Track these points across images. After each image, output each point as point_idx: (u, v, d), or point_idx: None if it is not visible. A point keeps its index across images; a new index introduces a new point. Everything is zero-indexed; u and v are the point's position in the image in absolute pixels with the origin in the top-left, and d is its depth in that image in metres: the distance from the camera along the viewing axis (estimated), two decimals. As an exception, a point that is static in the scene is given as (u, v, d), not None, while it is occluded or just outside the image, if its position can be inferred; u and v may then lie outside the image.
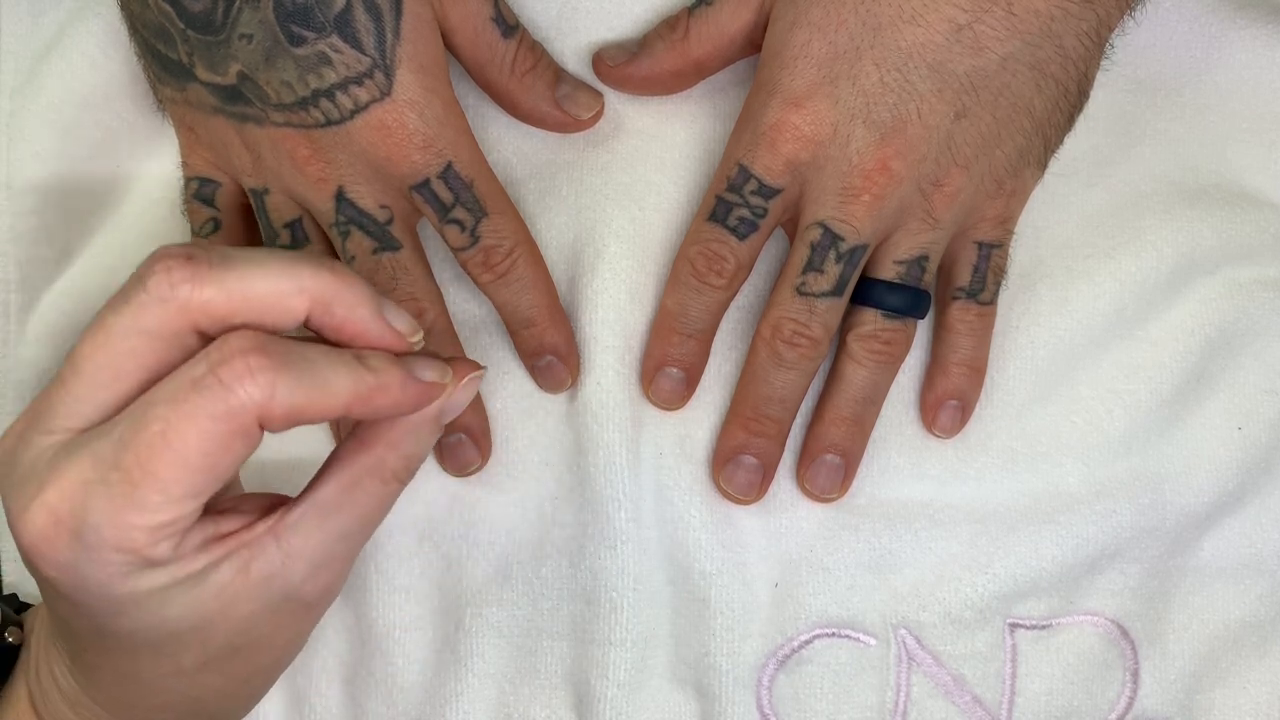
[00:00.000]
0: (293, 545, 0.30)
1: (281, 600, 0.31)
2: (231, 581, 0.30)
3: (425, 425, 0.31)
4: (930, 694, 0.41)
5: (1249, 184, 0.43)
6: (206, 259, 0.28)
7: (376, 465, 0.31)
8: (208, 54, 0.36)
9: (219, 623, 0.30)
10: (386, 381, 0.29)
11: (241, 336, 0.27)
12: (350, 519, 0.31)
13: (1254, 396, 0.42)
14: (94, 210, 0.43)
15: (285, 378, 0.27)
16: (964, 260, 0.40)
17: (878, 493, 0.41)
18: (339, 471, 0.31)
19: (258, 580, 0.30)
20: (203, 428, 0.27)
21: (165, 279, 0.28)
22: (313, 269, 0.29)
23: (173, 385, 0.27)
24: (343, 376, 0.28)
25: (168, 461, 0.27)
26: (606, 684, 0.40)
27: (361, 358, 0.29)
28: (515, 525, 0.41)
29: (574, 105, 0.40)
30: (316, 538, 0.31)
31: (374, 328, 0.30)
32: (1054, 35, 0.36)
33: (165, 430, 0.27)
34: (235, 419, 0.27)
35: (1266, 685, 0.42)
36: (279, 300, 0.29)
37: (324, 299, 0.29)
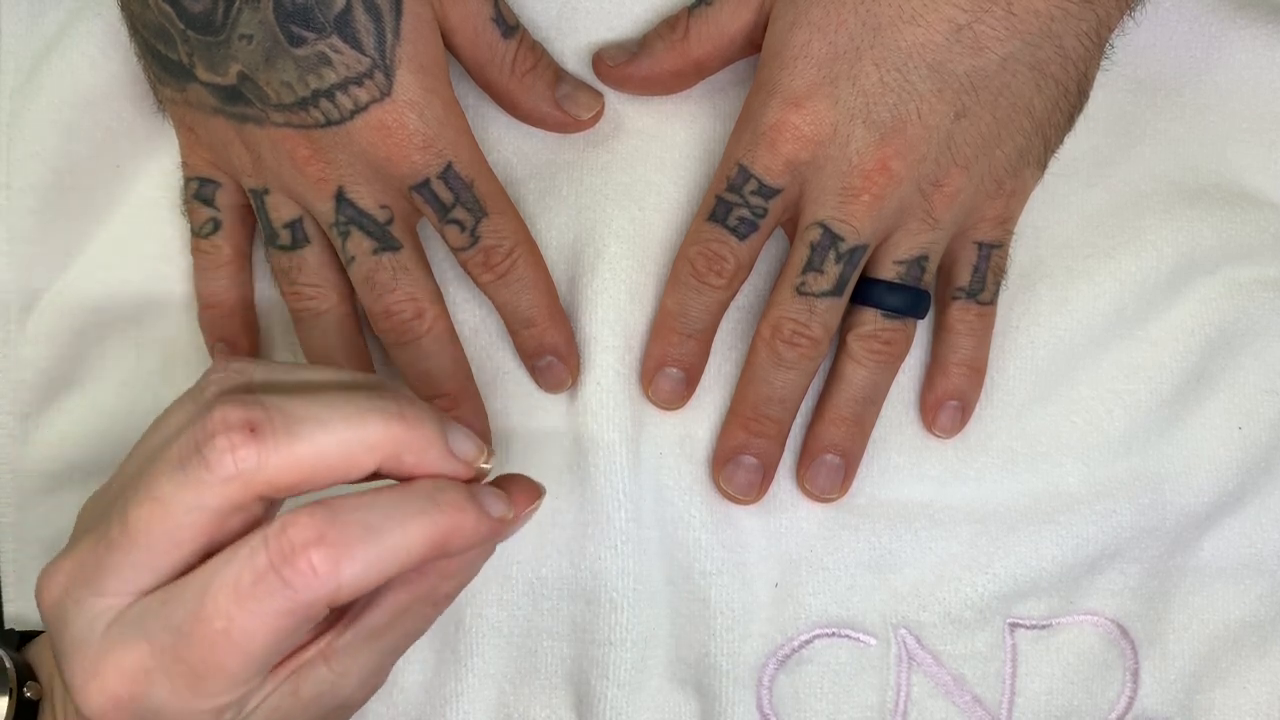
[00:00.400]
0: (343, 666, 0.30)
1: (330, 711, 0.31)
2: (282, 704, 0.30)
3: (483, 556, 0.31)
4: (930, 694, 0.41)
5: (1249, 184, 0.43)
6: (270, 427, 0.27)
7: (430, 593, 0.31)
8: (208, 54, 0.36)
9: None
10: (462, 522, 0.28)
11: (300, 525, 0.26)
12: (398, 637, 0.31)
13: (1254, 396, 0.42)
14: (94, 210, 0.43)
15: (350, 564, 0.26)
16: (964, 260, 0.40)
17: (878, 493, 0.41)
18: (391, 598, 0.31)
19: (309, 700, 0.30)
20: (268, 624, 0.26)
21: (229, 456, 0.26)
22: (382, 422, 0.28)
23: (232, 575, 0.26)
24: (413, 532, 0.27)
25: (232, 655, 0.27)
26: (606, 684, 0.40)
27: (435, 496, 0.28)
28: (515, 525, 0.41)
29: (574, 105, 0.40)
30: (365, 657, 0.31)
31: (444, 468, 0.29)
32: (1054, 35, 0.36)
33: (228, 628, 0.26)
34: (301, 614, 0.27)
35: (1266, 685, 0.42)
36: (347, 462, 0.28)
37: (394, 453, 0.28)
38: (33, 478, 0.42)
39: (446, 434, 0.29)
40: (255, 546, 0.26)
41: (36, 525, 0.42)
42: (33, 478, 0.42)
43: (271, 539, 0.26)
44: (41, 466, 0.42)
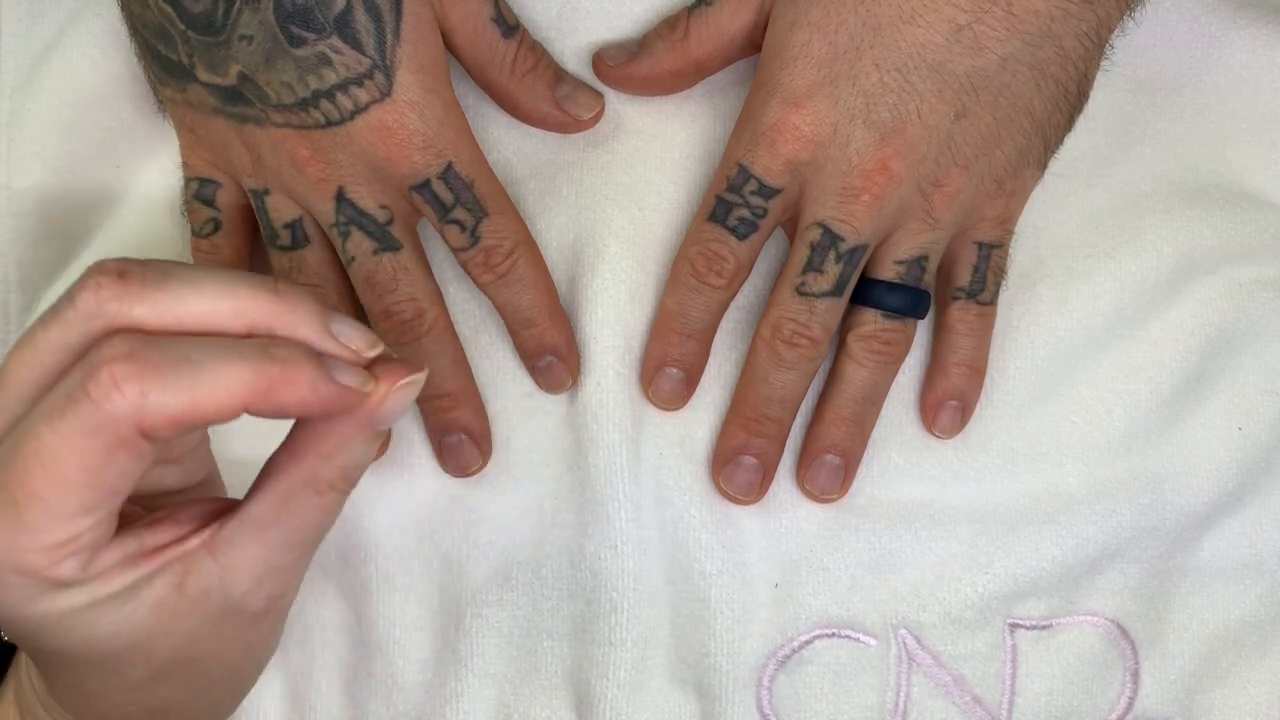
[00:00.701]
0: (230, 560, 0.29)
1: (223, 614, 0.30)
2: (166, 598, 0.29)
3: (357, 435, 0.29)
4: (930, 694, 0.41)
5: (1249, 184, 0.43)
6: (140, 276, 0.27)
7: (310, 477, 0.30)
8: (208, 55, 0.36)
9: (159, 638, 0.29)
10: (292, 375, 0.27)
11: (111, 343, 0.26)
12: (290, 531, 0.30)
13: (1254, 396, 0.42)
14: (94, 210, 0.43)
15: (157, 383, 0.26)
16: (964, 260, 0.40)
17: (878, 493, 0.41)
18: (272, 484, 0.30)
19: (195, 596, 0.29)
20: (76, 444, 0.26)
21: (94, 295, 0.27)
22: (250, 290, 0.28)
23: (50, 399, 0.26)
24: (235, 370, 0.27)
25: (45, 481, 0.26)
26: (606, 684, 0.40)
27: (268, 347, 0.27)
28: (515, 525, 0.41)
29: (574, 105, 0.40)
30: (255, 551, 0.30)
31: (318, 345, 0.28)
32: (1054, 36, 0.36)
33: (39, 449, 0.26)
34: (108, 432, 0.26)
35: (1266, 685, 0.42)
36: (212, 322, 0.27)
37: (262, 322, 0.28)
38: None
39: (328, 323, 0.29)
40: (73, 370, 0.26)
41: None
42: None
43: (84, 360, 0.26)
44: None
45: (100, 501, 0.27)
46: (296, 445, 0.30)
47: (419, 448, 0.41)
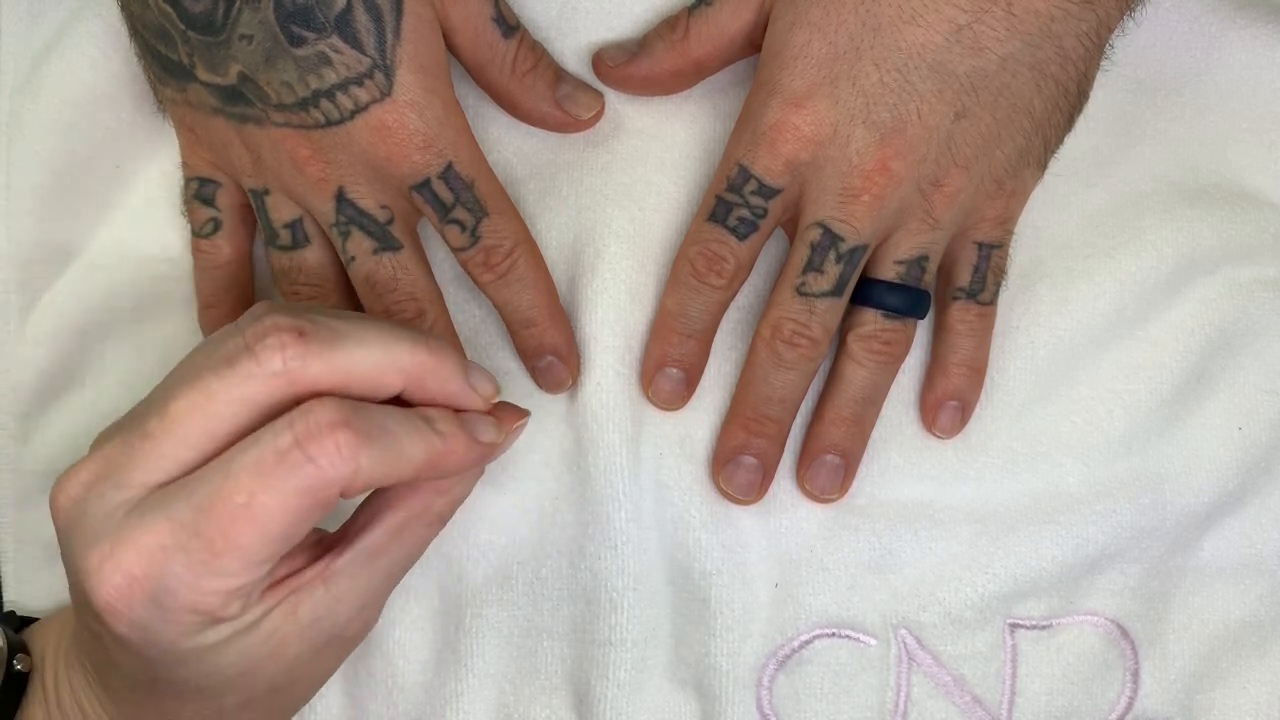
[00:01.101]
0: (341, 588, 0.31)
1: (326, 640, 0.32)
2: (281, 626, 0.31)
3: (473, 474, 0.33)
4: (930, 694, 0.41)
5: (1249, 184, 0.43)
6: (316, 334, 0.29)
7: (424, 510, 0.32)
8: (208, 54, 0.36)
9: (266, 665, 0.31)
10: (454, 446, 0.31)
11: (327, 408, 0.28)
12: (395, 559, 0.32)
13: (1254, 396, 0.42)
14: (94, 210, 0.43)
15: (369, 452, 0.28)
16: (964, 260, 0.40)
17: (878, 493, 0.41)
18: (388, 515, 0.32)
19: (306, 623, 0.31)
20: (288, 502, 0.28)
21: (279, 354, 0.28)
22: (410, 347, 0.30)
23: (256, 453, 0.28)
24: (418, 445, 0.30)
25: (250, 533, 0.27)
26: (606, 684, 0.40)
27: (430, 421, 0.30)
28: (515, 525, 0.41)
29: (574, 105, 0.40)
30: (364, 580, 0.32)
31: (463, 399, 0.32)
32: (1054, 36, 0.36)
33: (250, 502, 0.27)
34: (321, 493, 0.28)
35: (1266, 685, 0.42)
36: (378, 378, 0.30)
37: (419, 376, 0.30)
38: (33, 478, 0.42)
39: (468, 373, 0.32)
40: (280, 429, 0.28)
41: (36, 525, 0.42)
42: (33, 478, 0.42)
43: (298, 419, 0.28)
44: (41, 466, 0.42)
45: (284, 550, 0.29)
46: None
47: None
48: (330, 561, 0.32)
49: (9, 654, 0.35)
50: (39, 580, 0.43)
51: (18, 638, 0.37)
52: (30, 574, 0.42)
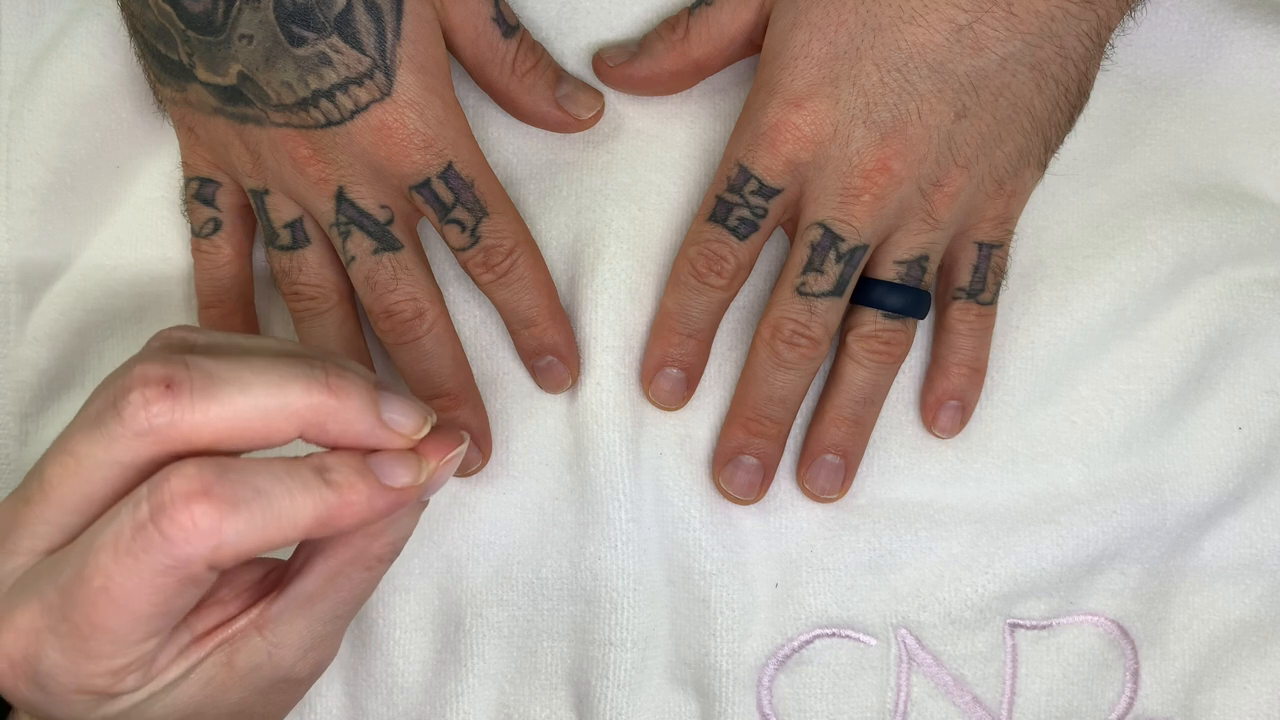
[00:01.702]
0: (278, 636, 0.30)
1: (271, 684, 0.31)
2: (215, 675, 0.29)
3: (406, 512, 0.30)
4: (930, 694, 0.41)
5: (1249, 184, 0.43)
6: (188, 385, 0.26)
7: (359, 555, 0.30)
8: (208, 54, 0.36)
9: (208, 710, 0.30)
10: (351, 499, 0.27)
11: (183, 475, 0.25)
12: (336, 604, 0.31)
13: (1254, 396, 0.42)
14: (94, 210, 0.43)
15: (234, 522, 0.25)
16: (964, 260, 0.40)
17: (878, 493, 0.41)
18: (320, 563, 0.30)
19: (245, 671, 0.30)
20: (148, 582, 0.26)
21: (142, 411, 0.26)
22: (305, 388, 0.27)
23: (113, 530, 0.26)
24: (302, 504, 0.26)
25: (114, 615, 0.26)
26: (606, 684, 0.40)
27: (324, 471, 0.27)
28: (515, 525, 0.41)
29: (574, 105, 0.40)
30: (302, 625, 0.30)
31: (372, 438, 0.28)
32: (1054, 35, 0.36)
33: (107, 585, 0.25)
34: (182, 571, 0.26)
35: (1267, 685, 0.42)
36: (265, 427, 0.27)
37: (317, 421, 0.27)
38: (33, 478, 0.42)
39: (380, 404, 0.28)
40: (139, 498, 0.26)
41: (36, 525, 0.42)
42: (33, 478, 0.42)
43: (153, 489, 0.25)
44: (41, 467, 0.42)
45: (164, 626, 0.27)
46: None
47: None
48: (265, 609, 0.30)
49: None
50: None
51: None
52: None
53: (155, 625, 0.27)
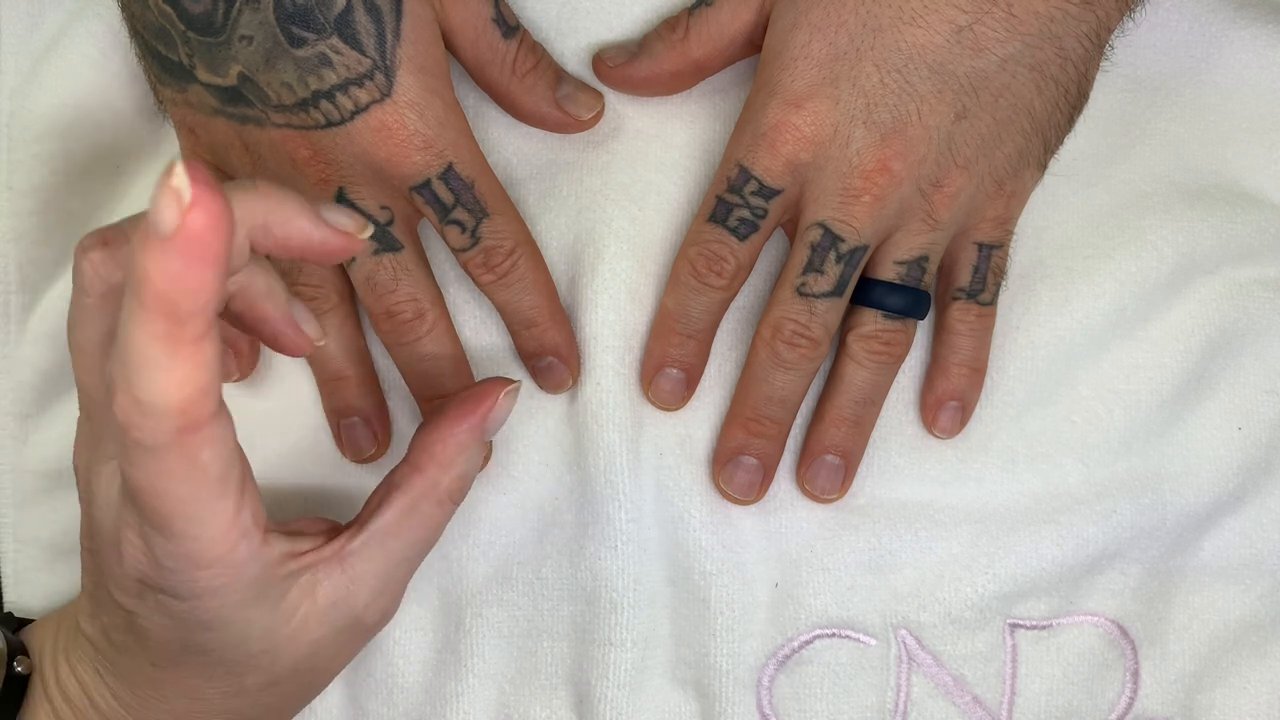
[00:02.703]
0: (357, 570, 0.32)
1: (346, 625, 0.33)
2: (300, 605, 0.31)
3: (473, 442, 0.33)
4: (930, 694, 0.41)
5: (1249, 184, 0.43)
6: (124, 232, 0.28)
7: (431, 487, 0.33)
8: (208, 55, 0.36)
9: (288, 646, 0.32)
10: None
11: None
12: (409, 542, 0.33)
13: (1254, 396, 0.42)
14: (94, 211, 0.43)
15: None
16: (964, 261, 0.40)
17: (878, 493, 0.41)
18: (397, 496, 0.33)
19: (325, 605, 0.32)
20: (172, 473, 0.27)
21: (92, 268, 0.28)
22: (237, 196, 0.28)
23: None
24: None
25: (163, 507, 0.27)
26: (607, 684, 0.40)
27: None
28: (515, 525, 0.41)
29: (574, 106, 0.40)
30: (379, 562, 0.33)
31: (317, 234, 0.29)
32: (1054, 36, 0.36)
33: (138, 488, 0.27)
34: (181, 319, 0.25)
35: (1267, 685, 0.42)
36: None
37: (259, 224, 0.28)
38: (33, 478, 0.42)
39: (318, 208, 0.29)
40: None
41: (36, 525, 0.42)
42: (33, 478, 0.42)
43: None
44: (41, 466, 0.42)
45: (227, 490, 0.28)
46: (417, 459, 0.33)
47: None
48: (345, 543, 0.32)
49: (8, 655, 0.35)
50: (39, 580, 0.43)
51: (16, 639, 0.37)
52: (30, 574, 0.43)
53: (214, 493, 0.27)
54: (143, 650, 0.32)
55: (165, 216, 0.23)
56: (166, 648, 0.31)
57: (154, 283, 0.24)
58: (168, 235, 0.23)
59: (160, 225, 0.23)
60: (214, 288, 0.24)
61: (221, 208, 0.23)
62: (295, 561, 0.31)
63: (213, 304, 0.24)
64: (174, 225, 0.23)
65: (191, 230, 0.23)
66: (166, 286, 0.24)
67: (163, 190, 0.23)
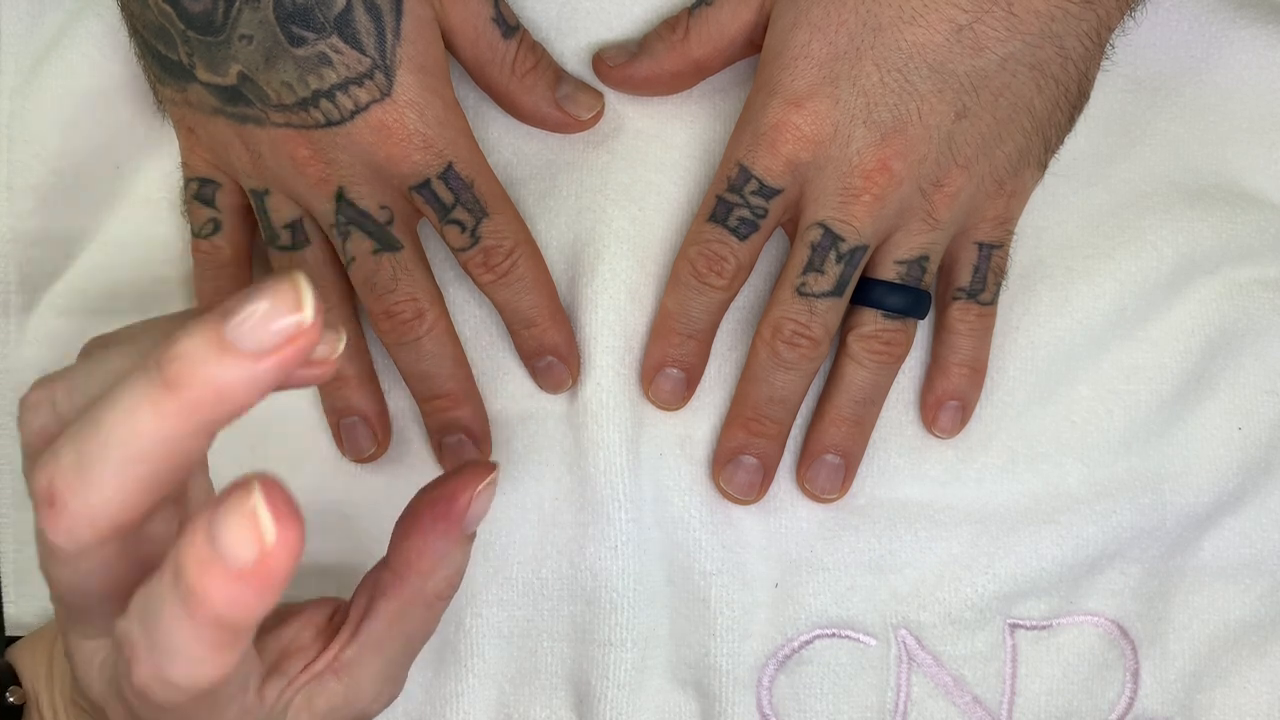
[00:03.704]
0: (354, 677, 0.31)
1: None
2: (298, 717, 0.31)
3: (453, 548, 0.31)
4: (930, 694, 0.41)
5: (1249, 184, 0.43)
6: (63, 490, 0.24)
7: (416, 594, 0.31)
8: (208, 55, 0.36)
9: None
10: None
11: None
12: (404, 642, 0.32)
13: (1254, 397, 0.42)
14: (94, 211, 0.43)
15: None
16: (964, 261, 0.40)
17: (878, 493, 0.41)
18: (383, 604, 0.31)
19: (323, 713, 0.31)
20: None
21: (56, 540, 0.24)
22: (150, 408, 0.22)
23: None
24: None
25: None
26: (607, 684, 0.40)
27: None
28: (515, 525, 0.41)
29: (574, 106, 0.40)
30: (376, 666, 0.32)
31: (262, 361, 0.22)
32: (1054, 36, 0.36)
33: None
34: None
35: (1267, 685, 0.42)
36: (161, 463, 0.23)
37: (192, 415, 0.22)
38: (33, 478, 0.42)
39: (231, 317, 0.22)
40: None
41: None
42: (33, 478, 0.42)
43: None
44: (41, 467, 0.42)
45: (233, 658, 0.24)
46: (397, 566, 0.31)
47: (418, 448, 0.41)
48: (339, 654, 0.31)
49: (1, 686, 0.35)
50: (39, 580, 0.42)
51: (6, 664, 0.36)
52: (31, 574, 0.42)
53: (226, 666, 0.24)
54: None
55: (241, 549, 0.21)
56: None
57: (213, 605, 0.22)
58: (241, 569, 0.21)
59: (233, 556, 0.21)
60: (274, 603, 0.22)
61: (300, 537, 0.21)
62: (290, 689, 0.30)
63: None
64: (250, 560, 0.21)
65: (269, 567, 0.21)
66: (226, 611, 0.22)
67: (237, 512, 0.21)
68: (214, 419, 0.22)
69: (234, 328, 0.21)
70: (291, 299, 0.21)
